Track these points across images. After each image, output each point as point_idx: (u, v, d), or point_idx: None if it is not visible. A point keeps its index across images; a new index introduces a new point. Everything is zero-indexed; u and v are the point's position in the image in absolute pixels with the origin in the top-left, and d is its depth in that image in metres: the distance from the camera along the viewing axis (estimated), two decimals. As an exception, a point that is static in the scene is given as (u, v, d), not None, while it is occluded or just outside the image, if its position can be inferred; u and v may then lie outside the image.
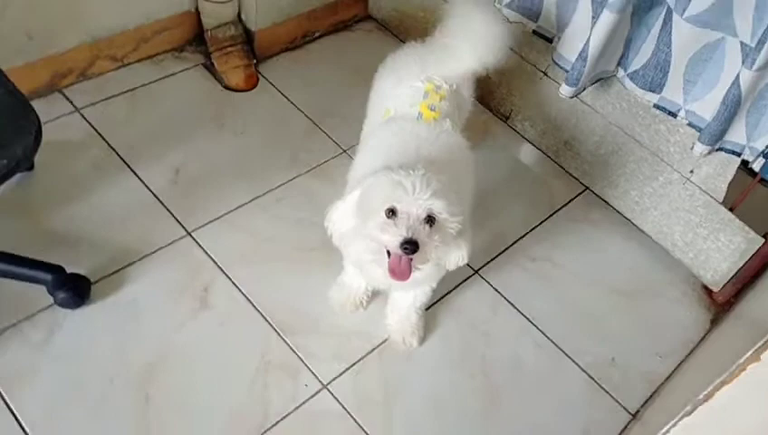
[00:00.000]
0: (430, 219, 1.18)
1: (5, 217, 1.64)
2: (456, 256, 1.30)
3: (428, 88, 1.52)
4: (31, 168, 1.72)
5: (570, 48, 1.70)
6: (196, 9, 2.09)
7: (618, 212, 2.03)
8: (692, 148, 1.64)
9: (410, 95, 1.52)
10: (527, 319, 1.74)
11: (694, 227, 1.84)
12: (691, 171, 1.78)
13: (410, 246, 1.15)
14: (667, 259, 1.94)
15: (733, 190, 1.76)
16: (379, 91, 1.63)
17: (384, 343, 1.61)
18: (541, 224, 1.97)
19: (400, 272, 1.20)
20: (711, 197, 1.78)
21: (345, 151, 1.97)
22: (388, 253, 1.20)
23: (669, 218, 1.89)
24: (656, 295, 1.87)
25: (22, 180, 1.72)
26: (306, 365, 1.54)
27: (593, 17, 1.63)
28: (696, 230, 1.84)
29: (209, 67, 2.11)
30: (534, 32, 1.82)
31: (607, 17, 1.54)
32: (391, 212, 1.17)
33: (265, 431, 1.42)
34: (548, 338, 1.71)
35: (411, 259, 1.19)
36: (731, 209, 1.76)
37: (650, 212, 1.94)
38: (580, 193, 2.08)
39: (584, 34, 1.62)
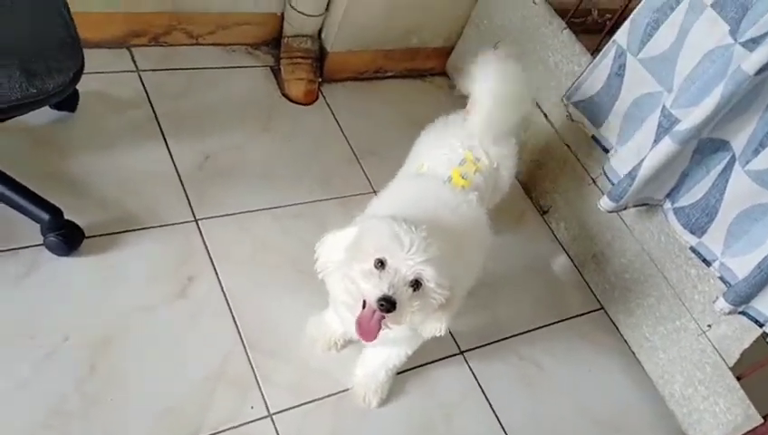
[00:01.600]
0: (416, 283, 1.13)
1: (31, 147, 1.66)
2: (434, 328, 1.25)
3: (468, 156, 1.49)
4: (73, 110, 1.75)
5: (622, 163, 1.65)
6: (282, 13, 2.11)
7: (625, 342, 1.94)
8: (714, 301, 1.56)
9: (448, 157, 1.50)
10: (496, 417, 1.66)
11: (696, 383, 1.75)
12: (709, 326, 1.70)
13: (387, 303, 1.10)
14: (659, 406, 1.84)
15: (746, 359, 1.66)
16: (421, 144, 1.61)
17: (344, 393, 1.55)
18: (543, 327, 1.90)
19: (367, 328, 1.15)
20: (722, 358, 1.68)
21: (375, 192, 1.94)
22: (364, 303, 1.16)
23: (674, 366, 1.80)
24: (635, 439, 1.78)
25: (61, 119, 1.74)
26: (259, 387, 1.49)
27: (655, 141, 1.58)
28: (697, 387, 1.75)
29: (275, 72, 2.13)
30: (594, 137, 1.78)
31: (667, 145, 1.50)
32: (380, 263, 1.13)
33: (195, 439, 1.37)
34: (510, 444, 1.63)
35: (383, 318, 1.14)
36: (738, 378, 1.67)
37: (657, 353, 1.85)
38: (594, 311, 2.00)
39: (640, 155, 1.57)
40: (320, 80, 2.15)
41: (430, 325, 1.25)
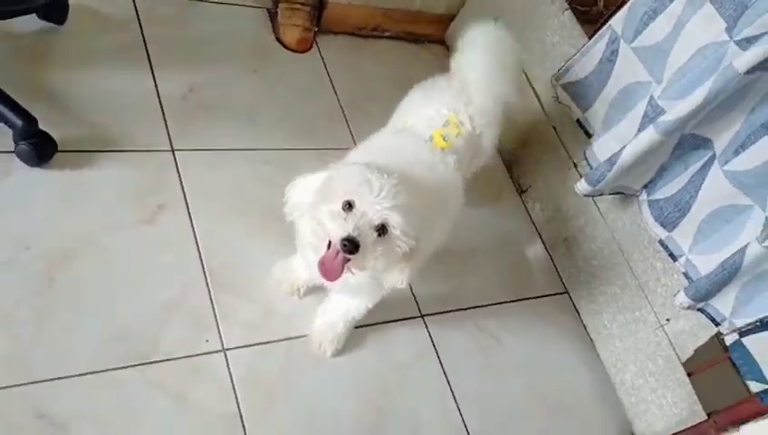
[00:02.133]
0: (383, 229, 1.13)
1: (14, 54, 1.63)
2: (396, 278, 1.25)
3: (451, 119, 1.49)
4: (61, 22, 1.71)
5: (603, 148, 1.66)
6: (286, -44, 2.08)
7: (584, 327, 1.97)
8: (675, 295, 1.58)
9: (431, 118, 1.49)
10: (447, 382, 1.67)
11: (647, 374, 1.78)
12: (667, 320, 1.72)
13: (350, 244, 1.10)
14: (608, 393, 1.86)
15: (700, 356, 1.69)
16: (407, 103, 1.60)
17: (300, 339, 1.55)
18: (506, 302, 1.91)
19: (330, 268, 1.15)
20: (676, 353, 1.71)
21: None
22: (330, 245, 1.16)
23: (628, 355, 1.83)
24: (582, 422, 1.80)
25: (48, 30, 1.70)
26: (217, 322, 1.48)
27: (639, 130, 1.58)
28: (647, 378, 1.77)
29: (272, 15, 2.10)
30: (578, 121, 1.78)
31: (650, 134, 1.50)
32: (348, 205, 1.13)
33: (144, 363, 1.37)
34: (458, 409, 1.64)
35: (347, 260, 1.14)
36: (689, 374, 1.69)
37: (614, 341, 1.87)
38: (558, 293, 2.02)
39: (622, 142, 1.58)
40: (316, 29, 2.12)
41: (392, 275, 1.25)
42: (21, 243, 1.39)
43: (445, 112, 1.50)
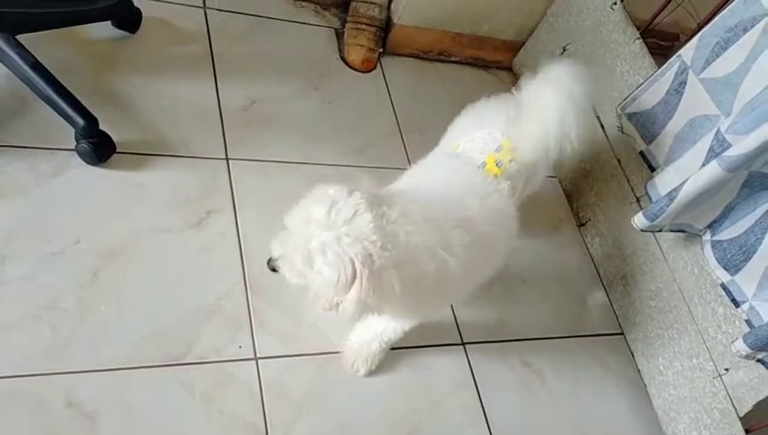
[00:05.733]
0: None
1: (85, 58, 1.70)
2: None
3: (505, 143, 1.44)
4: (134, 31, 1.79)
5: (664, 182, 1.58)
6: (356, -22, 2.11)
7: (637, 371, 1.86)
8: (733, 342, 1.47)
9: (485, 142, 1.45)
10: (485, 417, 1.61)
11: (701, 427, 1.66)
12: (726, 369, 1.61)
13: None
14: (658, 443, 1.76)
15: (759, 412, 1.57)
16: (458, 126, 1.57)
17: (334, 355, 1.53)
18: (555, 338, 1.84)
19: None
20: (734, 406, 1.59)
21: (411, 169, 1.92)
22: None
23: (682, 404, 1.71)
24: (627, 473, 1.70)
25: (120, 38, 1.78)
26: (251, 330, 1.49)
27: (703, 165, 1.50)
28: (701, 431, 1.65)
29: (339, 35, 2.13)
30: (642, 153, 1.71)
31: (713, 169, 1.42)
32: None
33: (176, 364, 1.38)
34: (493, 445, 1.58)
35: None
36: (747, 431, 1.57)
37: (667, 389, 1.76)
38: (612, 334, 1.92)
39: (684, 176, 1.50)
40: (381, 50, 2.13)
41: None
42: (71, 237, 1.44)
43: (498, 136, 1.46)
